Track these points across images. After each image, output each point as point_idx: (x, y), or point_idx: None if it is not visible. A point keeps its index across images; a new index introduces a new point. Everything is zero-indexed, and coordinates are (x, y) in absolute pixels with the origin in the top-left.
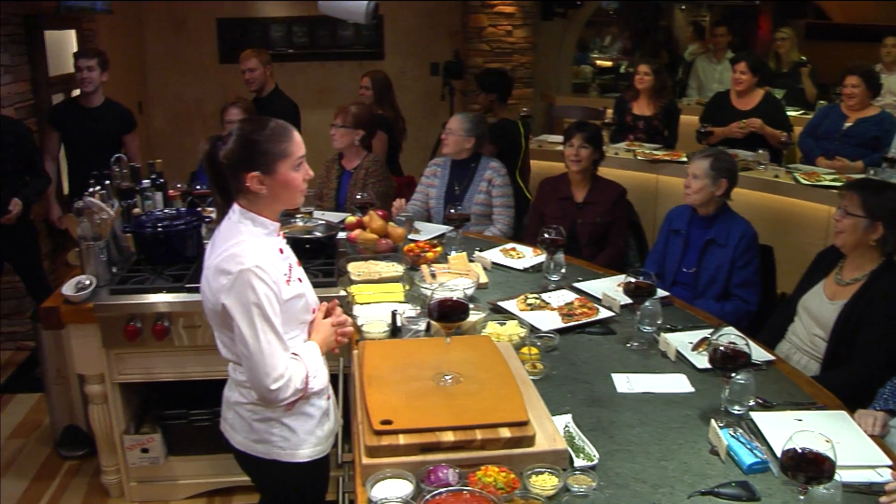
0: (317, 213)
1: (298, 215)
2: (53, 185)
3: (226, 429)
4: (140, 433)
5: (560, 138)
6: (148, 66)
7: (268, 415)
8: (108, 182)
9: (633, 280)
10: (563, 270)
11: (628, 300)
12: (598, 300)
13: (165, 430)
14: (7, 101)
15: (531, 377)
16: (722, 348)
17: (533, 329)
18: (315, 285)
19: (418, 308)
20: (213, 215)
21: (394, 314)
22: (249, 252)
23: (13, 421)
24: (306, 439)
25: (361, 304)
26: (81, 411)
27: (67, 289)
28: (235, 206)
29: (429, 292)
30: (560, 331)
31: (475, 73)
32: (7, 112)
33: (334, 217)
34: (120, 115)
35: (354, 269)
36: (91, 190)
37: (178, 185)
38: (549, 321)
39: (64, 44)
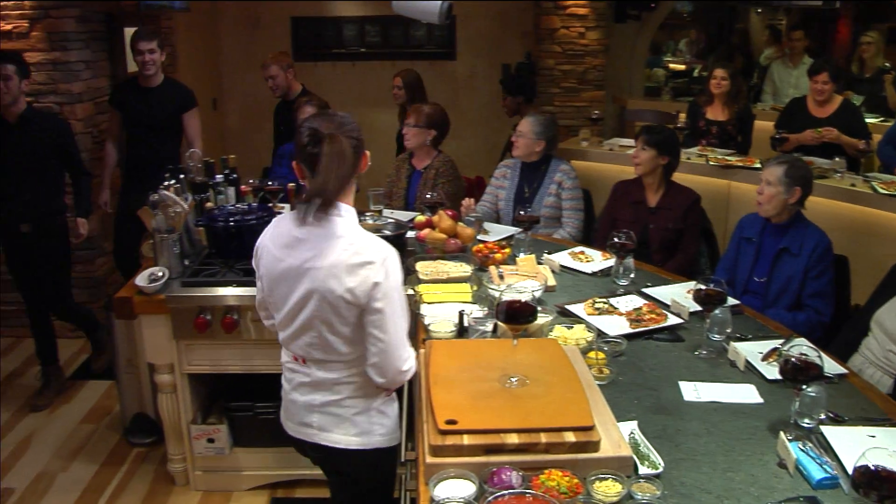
0: (386, 212)
1: (368, 213)
2: (114, 165)
3: (309, 433)
4: (207, 423)
5: (630, 142)
6: (223, 64)
7: (367, 405)
8: (182, 176)
9: (703, 287)
10: (633, 275)
11: (698, 307)
12: (666, 306)
13: (231, 421)
14: (87, 95)
15: (597, 382)
16: (793, 359)
17: (600, 333)
18: None
19: (485, 309)
20: (284, 211)
21: (461, 314)
22: (379, 241)
23: (85, 407)
24: (397, 423)
25: (429, 303)
26: (151, 400)
27: (141, 280)
28: (323, 200)
29: (497, 293)
30: (627, 336)
31: (499, 79)
32: (86, 106)
33: (403, 216)
34: (180, 93)
35: (423, 268)
36: (166, 183)
37: (251, 181)
38: (616, 326)
39: None
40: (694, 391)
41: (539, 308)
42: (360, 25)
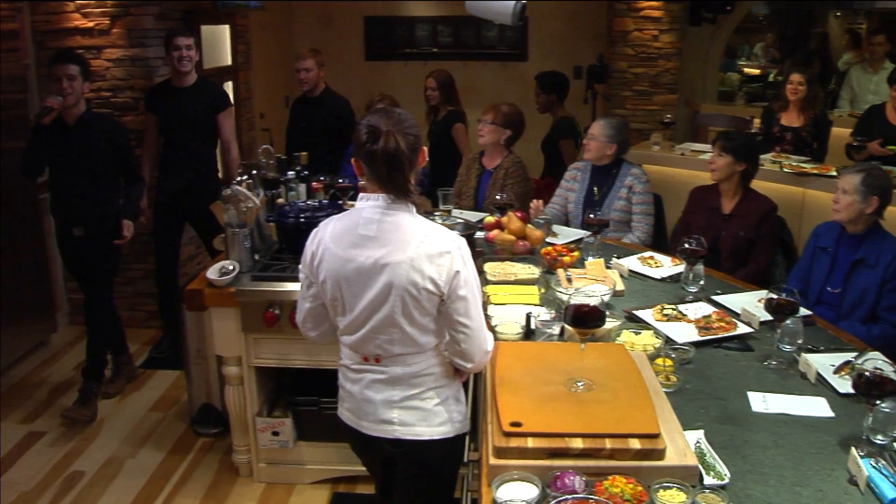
0: (455, 212)
1: (437, 213)
2: (149, 170)
3: (390, 430)
4: (272, 416)
5: (703, 147)
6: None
7: (446, 395)
8: (255, 172)
9: (774, 297)
10: (702, 282)
11: (768, 317)
12: (736, 315)
13: (296, 415)
14: None
15: (664, 389)
16: (867, 374)
17: (668, 340)
18: None
19: (553, 312)
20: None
21: (528, 316)
22: (449, 231)
23: (154, 395)
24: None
25: (496, 304)
26: (217, 391)
27: (212, 273)
28: (386, 197)
29: (565, 297)
30: (696, 344)
31: (534, 75)
32: None
33: (472, 216)
34: (213, 93)
35: (491, 269)
36: (239, 179)
37: (322, 178)
38: (685, 333)
39: (218, 38)
40: (763, 402)
41: (607, 312)
42: (432, 25)
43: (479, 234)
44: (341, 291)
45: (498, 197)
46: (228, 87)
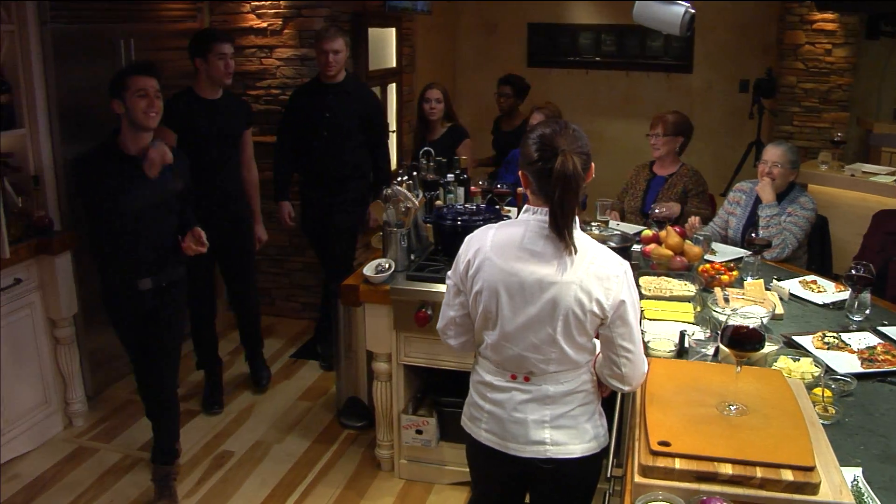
0: (612, 224)
1: (594, 223)
2: None
3: (541, 450)
4: (417, 415)
5: (876, 168)
6: (458, 66)
7: (593, 410)
8: (415, 173)
9: None
10: (868, 311)
11: None
12: None
13: (441, 415)
14: None
15: (821, 421)
16: None
17: (828, 370)
18: None
19: (708, 331)
20: (511, 215)
21: (682, 335)
22: (615, 254)
23: (303, 385)
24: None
25: (650, 319)
26: (365, 385)
27: (368, 270)
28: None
29: (721, 316)
30: (858, 376)
31: (500, 77)
32: None
33: (630, 229)
34: (242, 108)
35: (646, 283)
36: (399, 179)
37: (481, 182)
38: (846, 364)
39: (384, 41)
40: None
41: (765, 336)
42: (596, 34)
43: (636, 247)
44: (498, 305)
45: (657, 211)
46: (392, 89)
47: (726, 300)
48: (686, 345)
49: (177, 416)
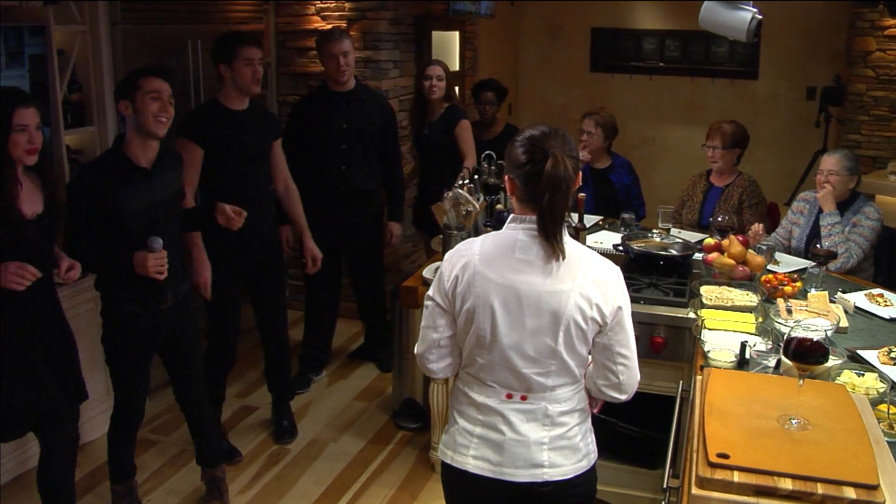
0: (673, 231)
1: (655, 231)
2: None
3: (539, 473)
4: None
5: None
6: (520, 70)
7: (585, 428)
8: (476, 177)
9: None
10: None
11: None
12: None
13: None
14: (392, 93)
15: (886, 438)
16: None
17: (894, 386)
18: (664, 304)
19: (769, 343)
20: (573, 221)
21: (743, 345)
22: (606, 259)
23: (361, 384)
24: None
25: (710, 329)
26: (421, 387)
27: (427, 272)
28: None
29: (784, 328)
30: None
31: (474, 83)
32: (391, 103)
33: (691, 237)
34: (270, 120)
35: (707, 292)
36: (461, 182)
37: None
38: None
39: (447, 44)
40: None
41: (829, 349)
42: (660, 39)
43: (698, 256)
44: (493, 320)
45: (720, 219)
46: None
47: (789, 311)
48: (747, 356)
49: (210, 420)
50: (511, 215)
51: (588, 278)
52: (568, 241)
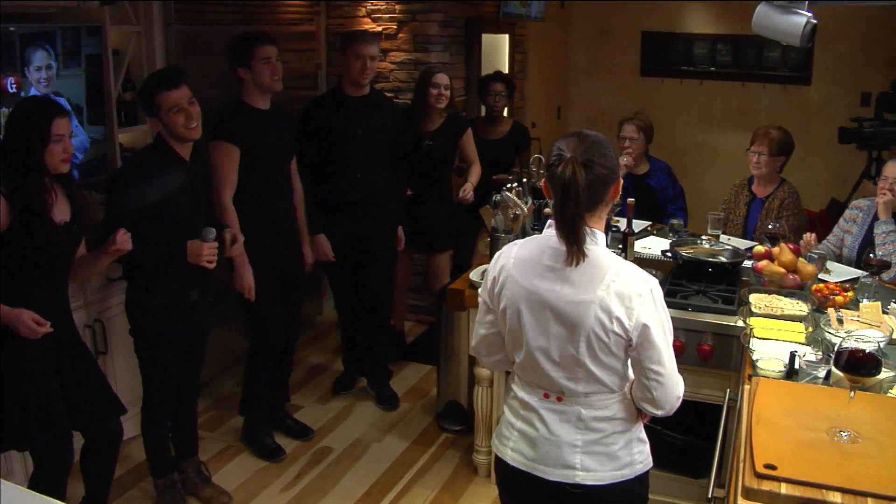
0: (723, 238)
1: (704, 238)
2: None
3: (571, 475)
4: None
5: None
6: (569, 73)
7: (629, 438)
8: (525, 180)
9: None
10: None
11: None
12: None
13: None
14: None
15: None
16: None
17: None
18: (712, 311)
19: (819, 353)
20: (620, 225)
21: (792, 355)
22: (642, 271)
23: (405, 385)
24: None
25: (759, 338)
26: (466, 390)
27: (474, 275)
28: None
29: (835, 339)
30: None
31: (491, 74)
32: None
33: (741, 244)
34: (288, 118)
35: (756, 300)
36: (509, 186)
37: None
38: None
39: (497, 47)
40: None
41: (882, 361)
42: (711, 43)
43: (747, 263)
44: (521, 323)
45: (771, 227)
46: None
47: (840, 322)
48: (796, 366)
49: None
50: (549, 220)
51: (611, 291)
52: (599, 250)
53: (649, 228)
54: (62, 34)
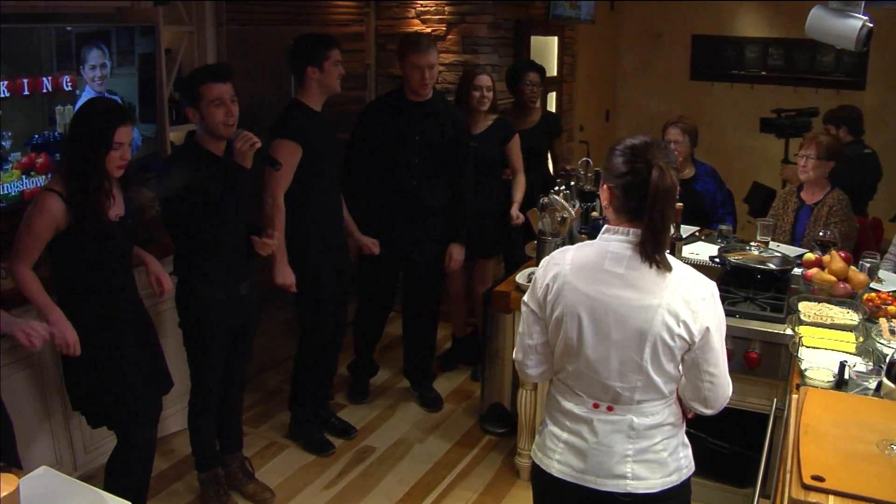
0: (772, 245)
1: (753, 244)
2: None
3: (622, 484)
4: None
5: None
6: (619, 76)
7: (676, 443)
8: (573, 183)
9: None
10: None
11: None
12: None
13: None
14: None
15: None
16: None
17: None
18: (760, 319)
19: (870, 363)
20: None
21: (842, 365)
22: (702, 275)
23: (449, 386)
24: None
25: (808, 347)
26: (509, 393)
27: (521, 278)
28: (637, 232)
29: (887, 350)
30: None
31: (523, 62)
32: None
33: (791, 251)
34: (332, 122)
35: (805, 309)
36: (557, 188)
37: None
38: None
39: (546, 49)
40: None
41: None
42: (763, 47)
43: (797, 271)
44: (580, 331)
45: (822, 234)
46: (552, 97)
47: (892, 332)
48: (846, 376)
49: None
50: (605, 226)
51: (678, 295)
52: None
53: (697, 234)
54: (116, 34)
